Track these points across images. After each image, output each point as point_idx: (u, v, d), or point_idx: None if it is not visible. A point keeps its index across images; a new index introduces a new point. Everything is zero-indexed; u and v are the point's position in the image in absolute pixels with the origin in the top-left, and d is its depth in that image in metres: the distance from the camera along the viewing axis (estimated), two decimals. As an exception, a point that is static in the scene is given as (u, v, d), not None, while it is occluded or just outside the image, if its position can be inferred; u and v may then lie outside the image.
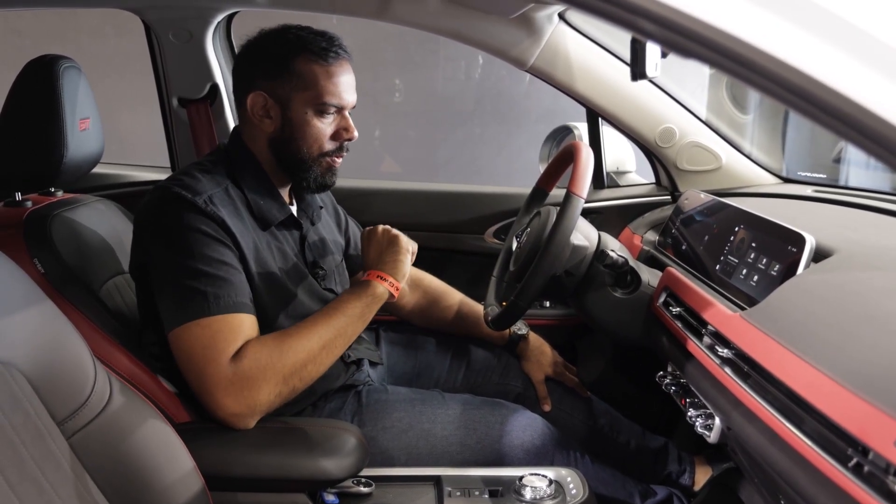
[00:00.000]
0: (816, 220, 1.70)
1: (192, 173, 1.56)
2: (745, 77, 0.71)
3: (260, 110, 1.61)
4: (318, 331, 1.49)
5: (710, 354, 1.36)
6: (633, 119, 2.17)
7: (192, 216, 1.47)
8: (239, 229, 1.53)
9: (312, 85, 1.58)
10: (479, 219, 2.40)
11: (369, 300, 1.55)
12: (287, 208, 1.68)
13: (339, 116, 1.62)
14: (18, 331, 1.12)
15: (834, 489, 0.96)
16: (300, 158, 1.62)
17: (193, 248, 1.45)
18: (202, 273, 1.44)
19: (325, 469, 1.39)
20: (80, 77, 1.75)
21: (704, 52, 0.69)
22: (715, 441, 1.37)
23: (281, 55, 1.59)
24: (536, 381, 1.96)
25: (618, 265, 1.68)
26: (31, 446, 1.08)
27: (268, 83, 1.60)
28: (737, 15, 0.68)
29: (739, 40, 0.67)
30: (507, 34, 2.07)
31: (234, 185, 1.61)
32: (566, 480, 1.53)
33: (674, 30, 0.67)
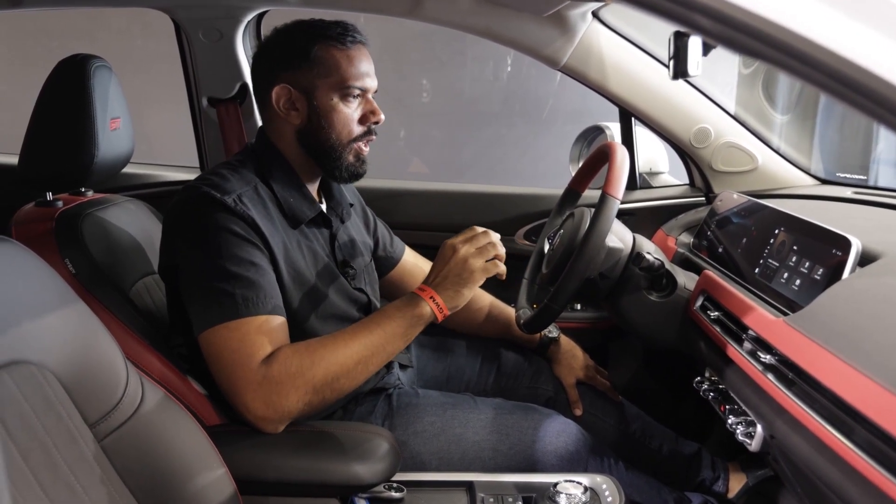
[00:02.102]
0: (858, 222, 1.66)
1: (221, 173, 1.55)
2: (806, 75, 0.69)
3: (286, 103, 1.60)
4: (356, 345, 1.45)
5: (751, 360, 1.33)
6: (667, 119, 2.14)
7: (221, 216, 1.46)
8: (269, 229, 1.51)
9: (335, 70, 1.57)
10: (509, 220, 2.37)
11: (414, 321, 1.49)
12: (317, 206, 1.66)
13: (364, 100, 1.62)
14: (51, 333, 1.11)
15: (887, 501, 0.93)
16: (330, 146, 1.60)
17: (223, 248, 1.44)
18: (232, 274, 1.42)
19: (358, 474, 1.37)
20: (111, 76, 1.75)
21: (765, 50, 0.66)
22: (756, 449, 1.34)
23: (300, 46, 1.58)
24: (568, 384, 1.94)
25: (654, 268, 1.65)
26: (64, 449, 1.08)
27: (290, 75, 1.59)
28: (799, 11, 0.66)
29: (804, 38, 0.65)
30: (540, 33, 2.04)
31: (263, 183, 1.59)
32: (601, 487, 1.50)
33: (736, 27, 0.65)
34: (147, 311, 1.69)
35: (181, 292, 1.50)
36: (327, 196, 1.76)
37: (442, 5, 1.99)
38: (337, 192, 1.77)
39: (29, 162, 1.67)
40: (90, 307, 1.20)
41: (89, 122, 1.66)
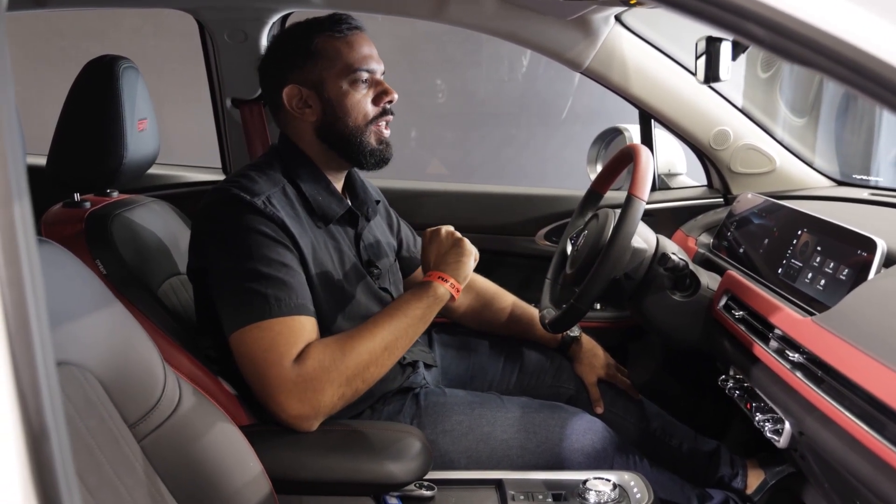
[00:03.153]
0: (879, 223, 1.68)
1: (249, 174, 1.57)
2: (854, 82, 0.71)
3: (298, 102, 1.63)
4: (380, 332, 1.48)
5: (779, 359, 1.35)
6: (687, 121, 2.16)
7: (251, 217, 1.48)
8: (297, 230, 1.53)
9: (338, 59, 1.60)
10: (529, 221, 2.39)
11: (431, 301, 1.54)
12: (345, 202, 1.69)
13: (373, 82, 1.64)
14: (91, 333, 1.12)
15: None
16: (349, 133, 1.62)
17: (253, 249, 1.46)
18: (262, 275, 1.44)
19: (392, 472, 1.39)
20: (138, 77, 1.77)
21: (814, 57, 0.68)
22: (784, 446, 1.36)
23: (300, 44, 1.62)
24: (589, 383, 1.95)
25: (679, 268, 1.67)
26: (107, 450, 1.08)
27: (297, 74, 1.62)
28: (850, 19, 0.68)
29: (853, 46, 0.67)
30: (563, 36, 2.07)
31: (290, 184, 1.61)
32: (629, 485, 1.52)
33: (786, 35, 0.66)
34: (175, 312, 1.71)
35: (212, 293, 1.51)
36: (352, 195, 1.78)
37: (466, 8, 2.01)
38: (361, 190, 1.79)
39: (58, 163, 1.69)
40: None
41: (118, 124, 1.68)
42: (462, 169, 4.53)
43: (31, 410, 0.64)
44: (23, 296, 0.65)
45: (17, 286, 0.65)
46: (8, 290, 0.64)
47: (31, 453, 0.64)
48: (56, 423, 0.66)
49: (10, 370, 0.64)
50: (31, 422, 0.64)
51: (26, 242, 0.66)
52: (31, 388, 0.65)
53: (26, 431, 0.64)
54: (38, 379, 0.65)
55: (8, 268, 0.64)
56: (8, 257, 0.64)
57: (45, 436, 0.65)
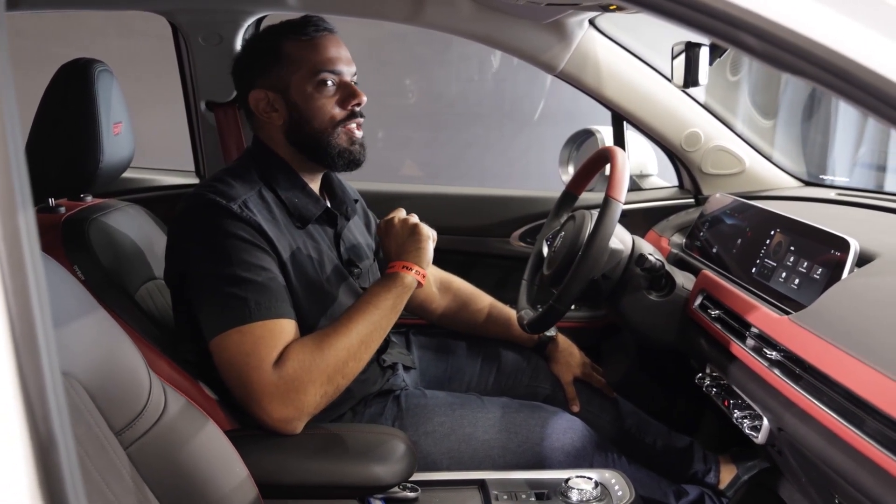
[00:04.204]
0: (847, 223, 1.72)
1: (225, 179, 1.57)
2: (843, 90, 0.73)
3: (265, 107, 1.63)
4: (355, 327, 1.48)
5: (756, 357, 1.38)
6: (659, 123, 2.20)
7: (228, 222, 1.48)
8: (275, 233, 1.53)
9: (303, 62, 1.59)
10: (504, 222, 2.41)
11: (399, 290, 1.54)
12: (322, 203, 1.68)
13: (340, 85, 1.63)
14: (76, 341, 1.10)
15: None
16: (317, 136, 1.62)
17: (231, 254, 1.45)
18: (241, 279, 1.44)
19: (377, 475, 1.40)
20: (113, 80, 1.75)
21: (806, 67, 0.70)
22: (763, 442, 1.39)
23: (267, 48, 1.62)
24: (565, 382, 1.98)
25: (655, 268, 1.69)
26: (96, 458, 1.07)
27: (263, 78, 1.62)
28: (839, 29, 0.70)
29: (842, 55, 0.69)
30: (539, 39, 2.09)
31: (266, 187, 1.61)
32: (611, 482, 1.54)
33: (778, 45, 0.69)
34: (152, 317, 1.70)
35: (191, 299, 1.51)
36: (330, 194, 1.78)
37: (443, 12, 2.02)
38: (339, 189, 1.79)
39: (33, 167, 1.66)
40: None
41: (94, 128, 1.66)
42: (432, 170, 4.54)
43: (39, 419, 0.64)
44: (28, 305, 0.65)
45: (23, 295, 0.65)
46: (13, 299, 0.64)
47: (39, 461, 0.64)
48: (63, 431, 0.66)
49: (16, 379, 0.64)
50: (38, 430, 0.64)
51: (31, 251, 0.66)
52: (38, 397, 0.65)
53: (34, 440, 0.64)
54: (44, 387, 0.65)
55: (13, 277, 0.64)
56: (13, 266, 0.64)
57: (53, 444, 0.65)
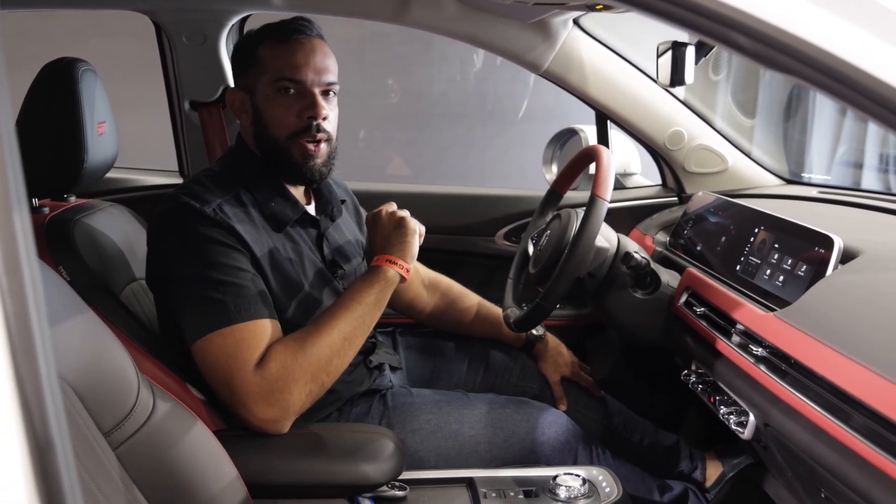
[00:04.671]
0: (830, 221, 1.74)
1: (202, 181, 1.56)
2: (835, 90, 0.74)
3: (238, 107, 1.63)
4: (338, 324, 1.48)
5: (742, 353, 1.39)
6: (643, 122, 2.22)
7: (201, 225, 1.47)
8: (251, 236, 1.52)
9: (270, 65, 1.57)
10: (489, 221, 2.41)
11: (382, 285, 1.53)
12: (300, 207, 1.66)
13: (303, 94, 1.57)
14: (64, 342, 1.10)
15: (888, 481, 1.00)
16: (274, 144, 1.59)
17: (208, 257, 1.45)
18: (219, 282, 1.43)
19: (367, 474, 1.40)
20: (97, 80, 1.74)
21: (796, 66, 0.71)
22: (749, 437, 1.40)
23: (247, 48, 1.61)
24: (553, 381, 1.98)
25: (641, 266, 1.71)
26: (85, 459, 1.07)
27: (240, 78, 1.63)
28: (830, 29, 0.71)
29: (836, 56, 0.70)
30: (523, 39, 2.10)
31: (245, 189, 1.59)
32: (598, 479, 1.55)
33: (770, 44, 0.69)
34: (138, 318, 1.69)
35: (170, 304, 1.50)
36: (316, 194, 1.77)
37: (428, 11, 2.02)
38: (326, 190, 1.78)
39: None
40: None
41: (78, 128, 1.65)
42: (413, 170, 4.53)
43: (36, 421, 0.64)
44: (25, 307, 0.64)
45: (20, 297, 0.64)
46: (10, 300, 0.64)
47: (36, 464, 0.64)
48: (60, 433, 0.66)
49: (13, 381, 0.63)
50: (35, 432, 0.64)
51: (27, 252, 0.66)
52: (36, 399, 0.64)
53: (31, 442, 0.64)
54: (42, 389, 0.65)
55: (10, 279, 0.64)
56: (9, 268, 0.64)
57: (50, 446, 0.65)
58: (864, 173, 2.74)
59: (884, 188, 2.94)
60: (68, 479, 0.66)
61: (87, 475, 1.07)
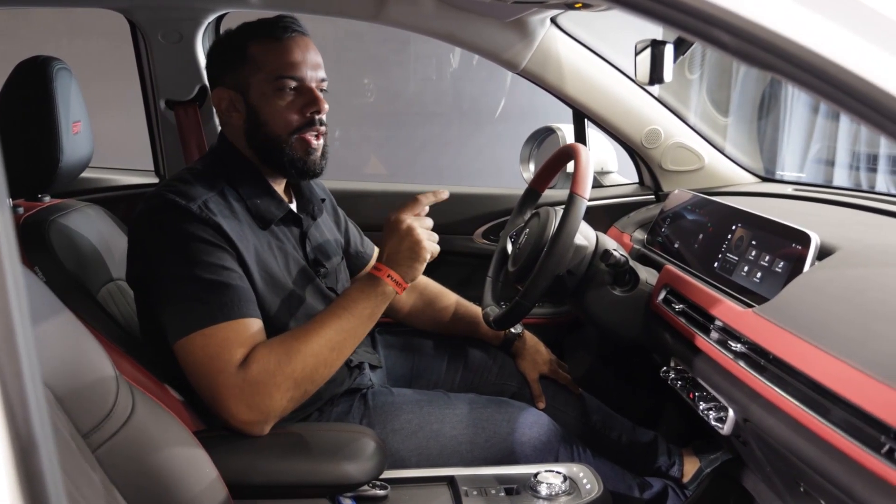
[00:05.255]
0: (806, 217, 1.76)
1: (186, 178, 1.55)
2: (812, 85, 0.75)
3: (227, 106, 1.61)
4: (327, 332, 1.46)
5: (721, 349, 1.40)
6: (620, 121, 2.23)
7: (187, 223, 1.45)
8: (237, 233, 1.51)
9: (266, 64, 1.57)
10: (467, 220, 2.42)
11: (379, 300, 1.52)
12: (285, 205, 1.66)
13: (302, 91, 1.59)
14: (42, 343, 1.09)
15: (867, 475, 1.01)
16: (272, 141, 1.59)
17: (192, 255, 1.43)
18: (203, 281, 1.42)
19: (348, 473, 1.40)
20: (72, 79, 1.73)
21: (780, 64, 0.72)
22: (728, 433, 1.41)
23: (236, 45, 1.60)
24: (531, 379, 1.99)
25: (620, 264, 1.71)
26: (65, 461, 1.05)
27: (228, 77, 1.61)
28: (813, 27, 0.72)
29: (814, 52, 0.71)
30: (501, 38, 2.11)
31: (229, 186, 1.59)
32: (579, 476, 1.56)
33: (751, 41, 0.70)
34: (115, 319, 1.68)
35: (153, 302, 1.48)
36: (297, 193, 1.76)
37: (405, 10, 2.03)
38: (307, 189, 1.78)
39: None
40: None
41: (53, 127, 1.64)
42: (389, 169, 4.54)
43: (20, 422, 0.63)
44: (7, 307, 0.64)
45: (2, 298, 0.64)
46: (-7, 301, 0.63)
47: (20, 465, 0.63)
48: (44, 435, 0.65)
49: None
50: (19, 433, 0.63)
51: (9, 253, 0.65)
52: (19, 400, 0.64)
53: (14, 443, 0.63)
54: (25, 390, 0.64)
55: (-7, 279, 0.63)
56: (-8, 269, 0.63)
57: (34, 447, 0.64)
58: (837, 171, 2.77)
59: (855, 185, 3.00)
60: (52, 481, 0.65)
61: (67, 477, 1.05)
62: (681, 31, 0.78)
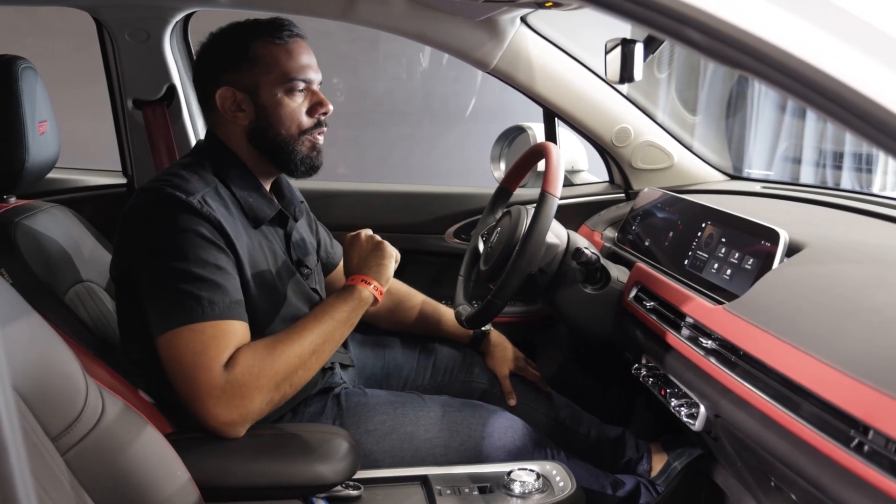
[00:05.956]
0: (774, 215, 1.77)
1: (180, 173, 1.53)
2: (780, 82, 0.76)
3: (231, 105, 1.60)
4: (308, 336, 1.48)
5: (692, 346, 1.42)
6: (590, 119, 2.24)
7: (187, 217, 1.44)
8: (233, 231, 1.50)
9: (276, 66, 1.58)
10: (438, 219, 2.42)
11: (355, 304, 1.55)
12: (275, 204, 1.67)
13: (309, 92, 1.63)
14: (10, 346, 1.07)
15: (837, 468, 1.02)
16: (282, 142, 1.61)
17: (188, 250, 1.42)
18: (197, 277, 1.41)
19: (321, 474, 1.39)
20: (37, 78, 1.70)
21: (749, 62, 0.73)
22: (700, 429, 1.42)
23: (239, 46, 1.59)
24: (501, 376, 2.00)
25: (591, 262, 1.72)
26: (33, 465, 1.04)
27: (232, 76, 1.59)
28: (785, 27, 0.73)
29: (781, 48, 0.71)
30: (471, 37, 2.11)
31: (222, 184, 1.58)
32: (552, 474, 1.56)
33: (723, 40, 0.71)
34: (83, 321, 1.66)
35: (142, 294, 1.46)
36: (279, 195, 1.76)
37: (375, 9, 2.02)
38: (287, 190, 1.78)
39: None
40: None
41: (19, 127, 1.62)
42: (358, 168, 4.53)
43: (-12, 425, 0.63)
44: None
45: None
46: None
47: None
48: (14, 439, 0.64)
49: (-36, 385, 0.62)
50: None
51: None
52: (-13, 403, 0.63)
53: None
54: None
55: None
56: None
57: (4, 451, 0.63)
58: (803, 168, 2.81)
59: (821, 182, 3.04)
60: (22, 485, 0.64)
61: (36, 481, 1.04)
62: (653, 30, 0.78)
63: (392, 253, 1.63)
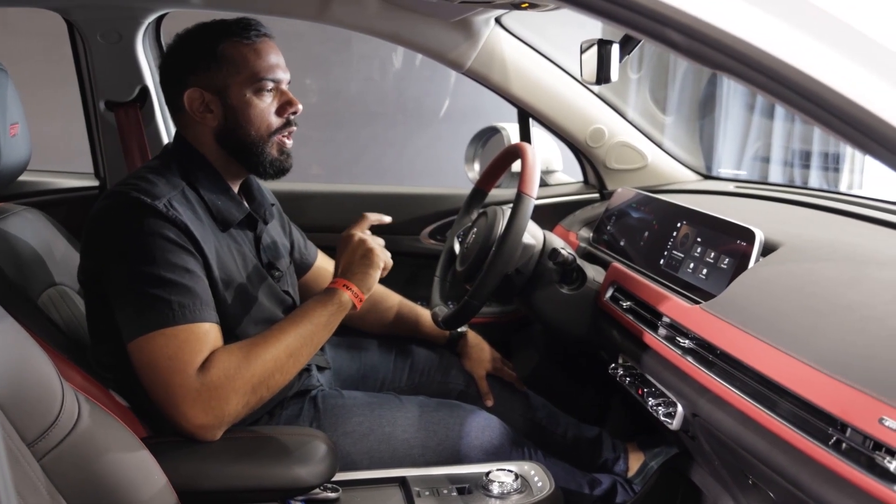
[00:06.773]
0: (749, 214, 1.79)
1: (147, 177, 1.51)
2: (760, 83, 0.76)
3: (199, 106, 1.58)
4: (286, 339, 1.47)
5: (668, 345, 1.43)
6: (565, 120, 2.25)
7: (153, 221, 1.43)
8: (201, 234, 1.49)
9: (244, 66, 1.56)
10: (414, 220, 2.41)
11: (335, 308, 1.53)
12: (245, 207, 1.65)
13: (278, 92, 1.61)
14: None
15: (815, 466, 1.03)
16: (251, 143, 1.59)
17: (156, 254, 1.41)
18: (166, 281, 1.39)
19: (300, 476, 1.38)
20: (8, 79, 1.67)
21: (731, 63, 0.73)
22: (677, 428, 1.43)
23: (206, 47, 1.57)
24: (478, 377, 2.00)
25: (568, 262, 1.73)
26: (9, 471, 1.04)
27: (200, 77, 1.58)
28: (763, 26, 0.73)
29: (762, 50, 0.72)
30: (446, 37, 2.11)
31: (189, 187, 1.56)
32: (530, 474, 1.57)
33: (703, 41, 0.71)
34: (56, 324, 1.63)
35: (111, 299, 1.45)
36: (249, 198, 1.75)
37: (349, 9, 2.02)
38: (258, 193, 1.76)
39: None
40: None
41: None
42: (330, 169, 4.51)
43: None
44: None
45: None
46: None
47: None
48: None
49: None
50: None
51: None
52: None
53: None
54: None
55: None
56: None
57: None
58: (773, 167, 2.84)
59: (790, 181, 3.09)
60: (4, 489, 0.64)
61: (12, 487, 1.03)
62: (632, 31, 0.79)
63: (379, 263, 1.60)
